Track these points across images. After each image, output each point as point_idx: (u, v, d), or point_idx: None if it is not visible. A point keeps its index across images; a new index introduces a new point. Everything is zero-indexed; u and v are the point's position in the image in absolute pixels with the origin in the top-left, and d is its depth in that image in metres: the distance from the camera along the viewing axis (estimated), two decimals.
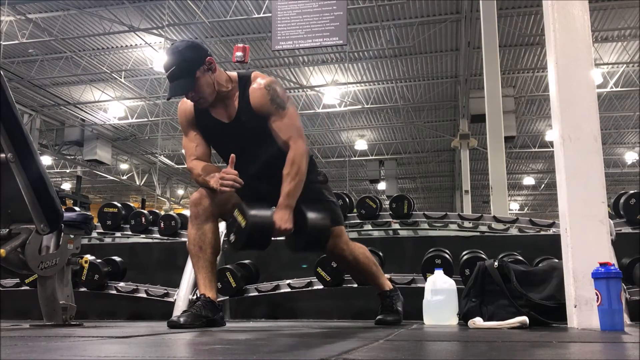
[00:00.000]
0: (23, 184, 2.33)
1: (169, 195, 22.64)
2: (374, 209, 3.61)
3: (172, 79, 2.41)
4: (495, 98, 8.37)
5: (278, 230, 2.33)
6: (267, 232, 2.31)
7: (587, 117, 2.45)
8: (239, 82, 2.50)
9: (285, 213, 2.36)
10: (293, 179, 2.39)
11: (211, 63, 2.44)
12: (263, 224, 2.30)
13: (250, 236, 2.27)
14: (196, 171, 2.51)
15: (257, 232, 2.29)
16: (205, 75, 2.41)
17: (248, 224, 2.25)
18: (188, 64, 2.39)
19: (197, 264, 2.50)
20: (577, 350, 1.42)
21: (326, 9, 6.87)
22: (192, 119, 2.58)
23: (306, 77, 13.24)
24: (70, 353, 1.26)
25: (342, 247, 2.66)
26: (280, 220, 2.33)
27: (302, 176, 2.42)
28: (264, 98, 2.43)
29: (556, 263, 2.69)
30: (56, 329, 2.38)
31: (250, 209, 2.28)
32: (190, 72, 2.38)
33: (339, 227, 2.66)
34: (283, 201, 2.37)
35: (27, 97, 14.16)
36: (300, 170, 2.41)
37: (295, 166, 2.40)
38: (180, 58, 2.40)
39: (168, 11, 10.44)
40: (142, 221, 3.84)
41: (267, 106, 2.43)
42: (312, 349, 1.41)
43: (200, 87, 2.41)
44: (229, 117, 2.51)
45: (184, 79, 2.39)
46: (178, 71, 2.38)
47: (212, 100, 2.47)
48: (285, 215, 2.35)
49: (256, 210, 2.30)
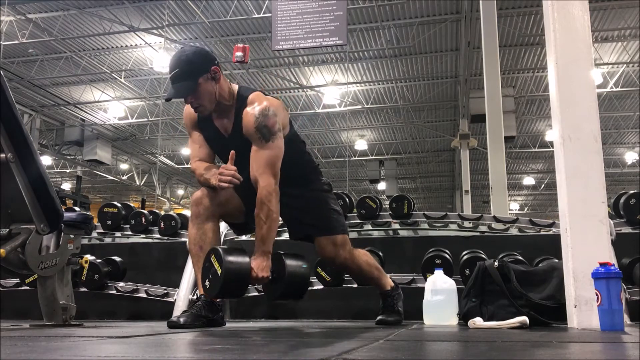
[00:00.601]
0: (23, 184, 2.33)
1: (169, 195, 22.64)
2: (374, 209, 3.61)
3: (173, 81, 2.40)
4: (495, 98, 8.37)
5: (255, 279, 2.25)
6: (243, 281, 2.22)
7: (587, 117, 2.45)
8: (237, 101, 2.48)
9: (262, 260, 2.27)
10: (264, 222, 2.28)
11: (216, 72, 2.42)
12: (239, 271, 2.19)
13: (224, 284, 2.17)
14: (199, 171, 2.51)
15: (232, 281, 2.18)
16: (208, 83, 2.40)
17: (223, 272, 2.15)
18: (192, 68, 2.38)
19: (197, 264, 2.50)
20: (577, 350, 1.42)
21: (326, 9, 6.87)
22: (195, 122, 2.58)
23: (306, 77, 13.24)
24: (70, 353, 1.26)
25: (345, 257, 2.65)
26: (257, 268, 2.24)
27: (273, 218, 2.30)
28: (251, 125, 2.37)
29: (556, 263, 2.69)
30: (56, 329, 2.38)
31: (227, 256, 2.19)
32: (193, 77, 2.37)
33: (343, 236, 2.64)
34: (258, 247, 2.28)
35: (27, 97, 14.16)
36: (271, 212, 2.29)
37: (265, 208, 2.28)
38: (185, 61, 2.39)
39: (168, 11, 10.44)
40: (142, 221, 3.84)
41: (251, 133, 2.37)
42: (312, 349, 1.41)
43: (201, 94, 2.39)
44: (227, 131, 2.51)
45: (185, 82, 2.38)
46: (180, 74, 2.38)
47: (210, 110, 2.46)
48: (262, 263, 2.26)
49: (233, 256, 2.20)
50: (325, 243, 2.61)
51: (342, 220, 2.69)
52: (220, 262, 2.18)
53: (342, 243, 2.63)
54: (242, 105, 2.44)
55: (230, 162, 2.39)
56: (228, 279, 2.16)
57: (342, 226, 2.67)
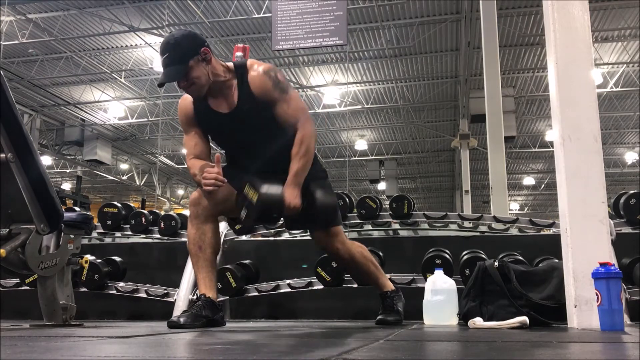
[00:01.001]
0: (23, 184, 2.33)
1: (169, 195, 22.64)
2: (374, 209, 3.61)
3: (165, 66, 2.40)
4: (495, 98, 8.37)
5: (287, 207, 2.35)
6: (279, 207, 2.33)
7: (587, 117, 2.45)
8: (236, 71, 2.48)
9: (294, 190, 2.37)
10: (302, 157, 2.41)
11: (206, 53, 2.41)
12: (275, 198, 2.31)
13: (262, 211, 2.29)
14: (193, 170, 2.50)
15: (269, 207, 2.31)
16: (199, 65, 2.39)
17: (260, 199, 2.26)
18: (181, 51, 2.37)
19: (196, 264, 2.50)
20: (577, 350, 1.42)
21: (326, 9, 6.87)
22: (191, 116, 2.56)
23: (306, 77, 13.25)
24: (70, 353, 1.26)
25: (336, 246, 2.66)
26: (289, 197, 2.35)
27: (310, 156, 2.44)
28: (266, 84, 2.42)
29: (556, 263, 2.69)
30: (56, 329, 2.38)
31: (261, 184, 2.30)
32: (183, 60, 2.37)
33: (336, 227, 2.66)
34: (292, 179, 2.39)
35: (27, 97, 14.16)
36: (309, 150, 2.43)
37: (304, 146, 2.41)
38: (174, 45, 2.38)
39: (168, 11, 10.44)
40: (142, 221, 3.84)
41: (270, 92, 2.42)
42: (312, 349, 1.41)
43: (193, 76, 2.39)
44: (230, 106, 2.49)
45: (176, 66, 2.37)
46: (171, 58, 2.37)
47: (204, 92, 2.44)
48: (294, 192, 2.37)
49: (267, 185, 2.31)
50: (318, 233, 2.66)
51: (336, 212, 2.70)
52: (257, 190, 2.28)
53: (335, 233, 2.66)
54: (244, 72, 2.45)
55: (217, 166, 2.39)
56: (265, 204, 2.27)
57: (337, 217, 2.68)
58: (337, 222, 2.68)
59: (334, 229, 2.65)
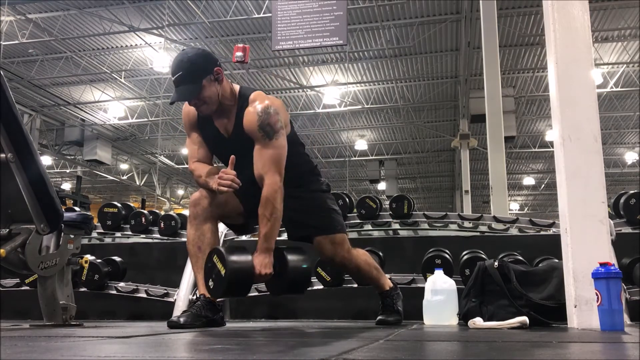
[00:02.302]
0: (23, 184, 2.33)
1: (169, 195, 22.63)
2: (374, 209, 3.61)
3: (177, 84, 2.40)
4: (495, 98, 8.37)
5: (258, 276, 2.28)
6: (248, 279, 2.25)
7: (587, 117, 2.45)
8: (239, 100, 2.48)
9: (264, 257, 2.30)
10: (269, 220, 2.31)
11: (219, 74, 2.42)
12: (243, 270, 2.22)
13: (230, 284, 2.19)
14: (197, 173, 2.51)
15: (237, 280, 2.22)
16: (211, 85, 2.40)
17: (227, 271, 2.17)
18: (195, 70, 2.38)
19: (196, 264, 2.50)
20: (577, 350, 1.42)
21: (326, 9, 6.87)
22: (194, 122, 2.58)
23: (306, 77, 13.24)
24: (70, 353, 1.26)
25: (343, 255, 2.65)
26: (259, 265, 2.27)
27: (277, 215, 2.34)
28: (253, 123, 2.37)
29: (556, 263, 2.69)
30: (56, 329, 2.38)
31: (229, 255, 2.21)
32: (197, 79, 2.37)
33: (341, 235, 2.65)
34: (261, 245, 2.31)
35: (27, 97, 14.16)
36: (275, 210, 2.32)
37: (270, 205, 2.31)
38: (188, 64, 2.38)
39: (168, 11, 10.44)
40: (142, 221, 3.84)
41: (254, 131, 2.38)
42: (312, 349, 1.41)
43: (205, 96, 2.39)
44: (228, 131, 2.51)
45: (189, 85, 2.38)
46: (184, 76, 2.37)
47: (213, 110, 2.46)
48: (265, 259, 2.29)
49: (236, 256, 2.23)
50: (323, 242, 2.61)
51: (340, 220, 2.69)
52: (224, 262, 2.19)
53: (340, 242, 2.63)
54: (243, 104, 2.45)
55: (230, 167, 2.39)
56: (232, 278, 2.18)
57: (340, 225, 2.68)
58: (341, 229, 2.66)
59: (338, 237, 2.63)
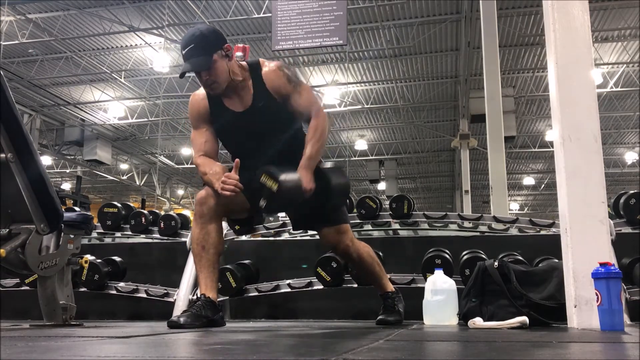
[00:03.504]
0: (23, 184, 2.33)
1: (169, 195, 22.63)
2: (374, 209, 3.61)
3: (188, 57, 2.40)
4: (495, 98, 8.37)
5: (304, 190, 2.38)
6: (299, 192, 2.38)
7: (587, 117, 2.45)
8: (250, 70, 2.52)
9: (307, 174, 2.42)
10: (317, 141, 2.46)
11: (228, 50, 2.44)
12: (294, 184, 2.36)
13: (284, 197, 2.34)
14: (202, 169, 2.51)
15: (290, 194, 2.36)
16: (221, 60, 2.41)
17: (282, 187, 2.32)
18: (207, 43, 2.40)
19: (199, 263, 2.50)
20: (577, 350, 1.42)
21: (326, 9, 6.87)
22: (203, 112, 2.56)
23: (306, 77, 13.24)
24: (70, 353, 1.26)
25: (347, 244, 2.69)
26: (305, 180, 2.39)
27: (324, 141, 2.51)
28: (281, 79, 2.48)
29: (556, 263, 2.69)
30: (56, 329, 2.38)
31: (279, 173, 2.34)
32: (208, 52, 2.39)
33: (345, 225, 2.70)
34: (305, 162, 2.43)
35: (27, 97, 14.16)
36: (323, 136, 2.49)
37: (319, 131, 2.48)
38: (199, 37, 2.40)
39: (168, 11, 10.44)
40: (142, 221, 3.84)
41: (285, 86, 2.48)
42: (312, 349, 1.41)
43: (216, 70, 2.40)
44: (245, 105, 2.51)
45: (201, 57, 2.38)
46: (195, 49, 2.38)
47: (224, 88, 2.46)
48: (308, 175, 2.41)
49: (284, 174, 2.36)
50: (327, 231, 2.67)
51: (343, 209, 2.75)
52: (276, 179, 2.33)
53: (344, 231, 2.69)
54: (257, 69, 2.50)
55: (235, 171, 2.41)
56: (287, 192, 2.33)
57: (345, 215, 2.73)
58: (345, 219, 2.72)
59: (343, 227, 2.68)
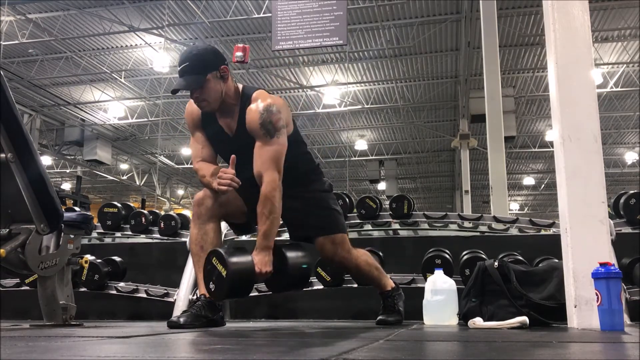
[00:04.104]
0: (23, 184, 2.33)
1: (169, 195, 22.63)
2: (374, 209, 3.61)
3: (182, 74, 2.42)
4: (495, 98, 8.37)
5: (259, 274, 2.28)
6: (249, 278, 2.25)
7: (587, 117, 2.45)
8: (242, 99, 2.50)
9: (264, 255, 2.30)
10: (267, 218, 2.32)
11: (225, 72, 2.45)
12: (244, 270, 2.21)
13: (231, 286, 2.18)
14: (201, 172, 2.52)
15: (239, 280, 2.21)
16: (215, 81, 2.42)
17: (229, 273, 2.15)
18: (202, 63, 2.41)
19: (198, 264, 2.50)
20: (577, 350, 1.42)
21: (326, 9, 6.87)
22: (197, 120, 2.58)
23: (306, 77, 13.24)
24: (70, 353, 1.26)
25: (343, 256, 2.66)
26: (259, 264, 2.28)
27: (276, 214, 2.34)
28: (255, 121, 2.39)
29: (556, 263, 2.69)
30: (56, 329, 2.38)
31: (229, 256, 2.20)
32: (202, 72, 2.40)
33: (342, 235, 2.66)
34: (260, 243, 2.32)
35: (27, 97, 14.16)
36: (274, 208, 2.33)
37: (269, 203, 2.32)
38: (196, 56, 2.43)
39: (168, 11, 10.44)
40: (142, 221, 3.84)
41: (256, 129, 2.39)
42: (312, 349, 1.41)
43: (207, 90, 2.41)
44: (231, 130, 2.52)
45: (193, 76, 2.40)
46: (190, 67, 2.40)
47: (214, 108, 2.48)
48: (264, 258, 2.30)
49: (235, 256, 2.22)
50: (323, 242, 2.62)
51: (341, 220, 2.70)
52: (224, 264, 2.18)
53: (340, 242, 2.64)
54: (246, 103, 2.46)
55: (231, 166, 2.40)
56: (234, 279, 2.17)
57: (341, 225, 2.69)
58: (341, 229, 2.67)
59: (338, 237, 2.64)
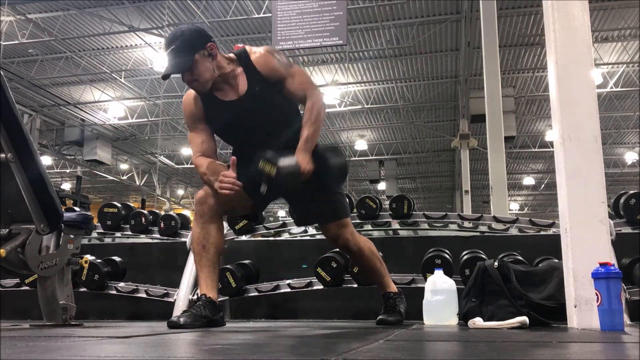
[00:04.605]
0: (23, 184, 2.33)
1: (169, 195, 22.64)
2: (374, 209, 3.61)
3: (169, 58, 2.41)
4: (495, 98, 8.38)
5: (302, 172, 2.38)
6: (297, 175, 2.38)
7: (587, 117, 2.45)
8: (239, 58, 2.51)
9: (305, 156, 2.42)
10: (313, 123, 2.46)
11: (212, 49, 2.43)
12: (292, 168, 2.37)
13: (284, 182, 2.35)
14: (202, 169, 2.50)
15: (289, 177, 2.36)
16: (204, 60, 2.41)
17: (281, 172, 2.32)
18: (188, 44, 2.39)
19: (199, 263, 2.50)
20: (577, 350, 1.42)
21: (326, 9, 6.87)
22: (197, 111, 2.56)
23: None
24: (70, 353, 1.26)
25: (347, 237, 2.70)
26: (302, 162, 2.38)
27: (319, 122, 2.50)
28: (272, 62, 2.47)
29: (556, 263, 2.69)
30: (56, 329, 2.38)
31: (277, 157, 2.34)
32: (189, 53, 2.38)
33: (346, 219, 2.71)
34: (303, 145, 2.43)
35: (27, 97, 14.16)
36: (320, 116, 2.49)
37: (315, 112, 2.48)
38: (180, 38, 2.41)
39: (168, 11, 10.44)
40: (142, 221, 3.84)
41: (276, 69, 2.47)
42: (312, 349, 1.41)
43: (198, 70, 2.40)
44: (240, 92, 2.50)
45: (181, 59, 2.39)
46: (177, 50, 2.39)
47: (207, 87, 2.45)
48: (306, 158, 2.41)
49: (282, 158, 2.36)
50: (330, 226, 2.70)
51: (345, 204, 2.76)
52: (274, 164, 2.32)
53: (345, 224, 2.71)
54: (246, 56, 2.49)
55: (232, 169, 2.40)
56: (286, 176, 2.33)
57: (346, 209, 2.74)
58: (346, 213, 2.74)
59: (344, 220, 2.70)
